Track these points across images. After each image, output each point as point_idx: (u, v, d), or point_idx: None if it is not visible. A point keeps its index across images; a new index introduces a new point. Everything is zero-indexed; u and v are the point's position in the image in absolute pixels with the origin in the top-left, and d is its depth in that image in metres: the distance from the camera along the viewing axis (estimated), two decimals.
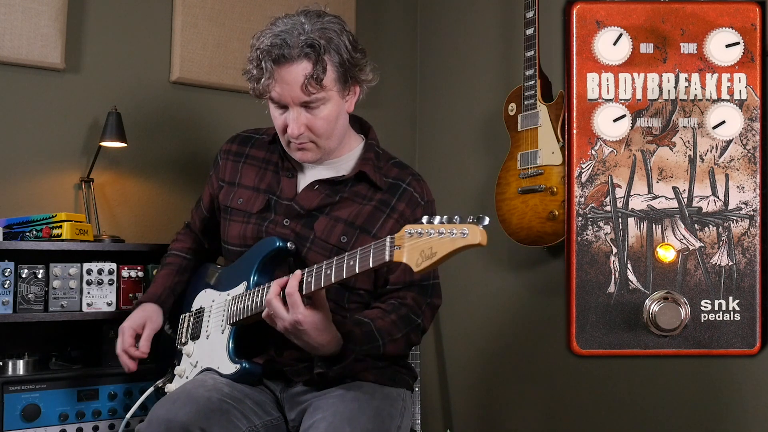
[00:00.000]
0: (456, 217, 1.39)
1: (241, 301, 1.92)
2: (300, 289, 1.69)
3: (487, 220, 1.36)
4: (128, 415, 2.13)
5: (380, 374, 1.93)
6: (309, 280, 1.68)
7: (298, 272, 1.72)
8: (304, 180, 2.04)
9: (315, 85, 1.86)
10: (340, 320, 1.80)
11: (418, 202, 1.99)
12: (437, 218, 1.42)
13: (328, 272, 1.64)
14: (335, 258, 1.65)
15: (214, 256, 2.30)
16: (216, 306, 2.03)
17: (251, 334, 1.95)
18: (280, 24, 1.90)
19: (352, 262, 1.59)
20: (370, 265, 1.55)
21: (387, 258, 1.50)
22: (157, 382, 2.10)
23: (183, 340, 2.10)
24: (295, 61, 1.86)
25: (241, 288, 1.96)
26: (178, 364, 2.08)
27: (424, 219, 1.43)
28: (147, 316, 2.10)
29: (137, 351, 2.05)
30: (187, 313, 2.15)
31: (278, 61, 1.87)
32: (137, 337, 2.08)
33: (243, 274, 1.97)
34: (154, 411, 1.77)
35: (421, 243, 1.41)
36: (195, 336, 2.06)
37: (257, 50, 1.91)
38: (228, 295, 2.00)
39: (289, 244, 1.91)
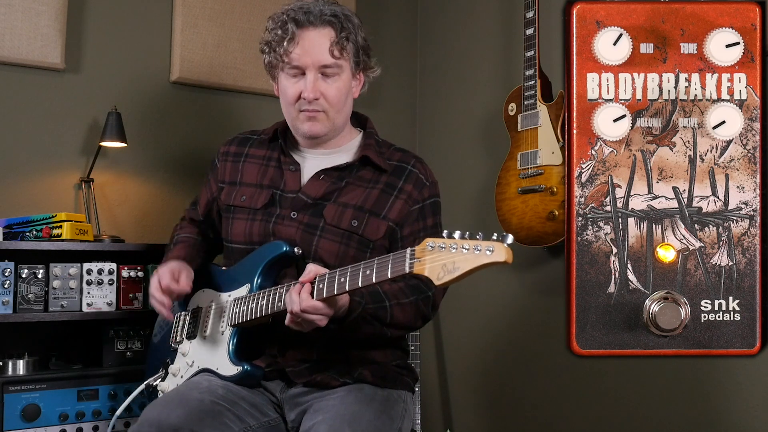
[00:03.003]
0: (479, 233, 1.41)
1: (244, 304, 1.91)
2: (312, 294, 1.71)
3: (510, 239, 1.38)
4: (118, 411, 2.10)
5: (381, 375, 1.93)
6: (321, 286, 1.69)
7: (307, 285, 1.71)
8: (307, 172, 2.04)
9: (340, 50, 1.93)
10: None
11: (423, 183, 2.03)
12: (458, 233, 1.43)
13: (342, 280, 1.65)
14: (350, 266, 1.65)
15: (216, 249, 2.28)
16: (215, 306, 2.02)
17: (251, 336, 1.94)
18: (302, 4, 1.98)
19: (368, 272, 1.60)
20: (389, 276, 1.56)
21: (407, 270, 1.51)
22: (149, 380, 2.06)
23: (178, 339, 2.08)
24: (319, 26, 1.94)
25: (243, 290, 1.95)
26: (172, 363, 2.06)
27: (445, 233, 1.45)
28: (183, 266, 2.04)
29: (179, 285, 1.97)
30: (183, 312, 2.13)
31: (303, 24, 1.94)
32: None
33: (246, 276, 1.96)
34: (145, 413, 1.77)
35: (443, 257, 1.43)
36: (191, 335, 2.04)
37: (278, 15, 1.98)
38: (229, 296, 1.99)
39: (296, 249, 1.91)
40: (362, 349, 1.94)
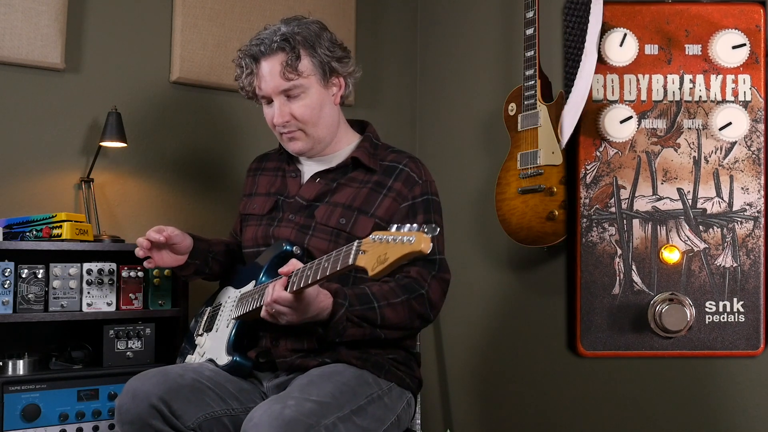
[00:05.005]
0: (414, 225, 1.44)
1: (246, 298, 2.00)
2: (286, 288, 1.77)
3: (432, 229, 1.42)
4: None
5: (363, 359, 1.94)
6: (294, 279, 1.74)
7: (284, 279, 1.78)
8: (306, 177, 2.15)
9: (291, 71, 2.01)
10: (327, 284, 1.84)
11: (415, 180, 2.05)
12: (407, 227, 1.45)
13: (308, 273, 1.69)
14: (316, 260, 1.69)
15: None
16: (229, 302, 2.13)
17: (251, 329, 2.02)
18: (261, 33, 2.10)
19: (326, 264, 1.64)
20: (338, 268, 1.59)
21: (351, 262, 1.54)
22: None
23: (199, 332, 2.20)
24: (270, 55, 2.04)
25: (250, 286, 2.06)
26: (191, 354, 2.17)
27: (394, 227, 1.47)
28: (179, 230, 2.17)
29: (157, 234, 2.09)
30: (209, 307, 2.25)
31: (256, 57, 2.06)
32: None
33: (254, 274, 2.07)
34: (128, 382, 1.89)
35: (380, 248, 1.46)
36: (209, 329, 2.15)
37: (239, 52, 2.12)
38: (239, 292, 2.10)
39: (295, 249, 2.00)
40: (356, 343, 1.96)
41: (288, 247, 2.01)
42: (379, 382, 1.93)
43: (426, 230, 1.42)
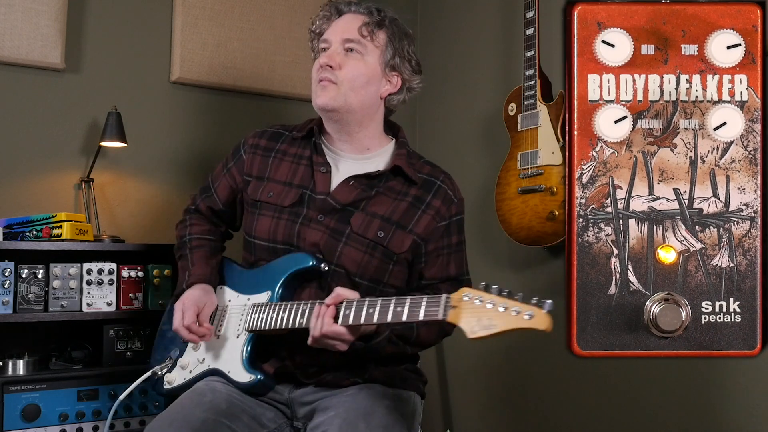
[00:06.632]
0: (519, 294, 1.41)
1: (264, 311, 1.89)
2: (336, 320, 1.70)
3: (549, 305, 1.39)
4: (122, 397, 2.07)
5: (391, 376, 1.94)
6: (347, 312, 1.68)
7: (332, 309, 1.71)
8: (338, 175, 2.01)
9: (367, 31, 1.99)
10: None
11: (452, 199, 2.03)
12: (495, 288, 1.43)
13: (371, 311, 1.65)
14: (381, 299, 1.64)
15: (225, 239, 2.26)
16: (233, 307, 2.00)
17: (265, 341, 1.92)
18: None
19: (399, 309, 1.59)
20: (420, 317, 1.55)
21: (440, 316, 1.51)
22: (156, 368, 2.04)
23: None
24: (356, 14, 2.03)
25: (263, 296, 1.94)
26: (181, 356, 2.04)
27: (482, 285, 1.45)
28: (208, 297, 2.01)
29: (202, 328, 1.94)
30: None
31: (342, 11, 2.04)
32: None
33: (268, 283, 1.94)
34: (150, 429, 1.75)
35: (480, 311, 1.43)
36: None
37: (330, 1, 2.09)
38: (248, 299, 1.98)
39: (323, 266, 1.89)
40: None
41: (314, 263, 1.88)
42: (409, 395, 1.95)
43: (540, 304, 1.39)
